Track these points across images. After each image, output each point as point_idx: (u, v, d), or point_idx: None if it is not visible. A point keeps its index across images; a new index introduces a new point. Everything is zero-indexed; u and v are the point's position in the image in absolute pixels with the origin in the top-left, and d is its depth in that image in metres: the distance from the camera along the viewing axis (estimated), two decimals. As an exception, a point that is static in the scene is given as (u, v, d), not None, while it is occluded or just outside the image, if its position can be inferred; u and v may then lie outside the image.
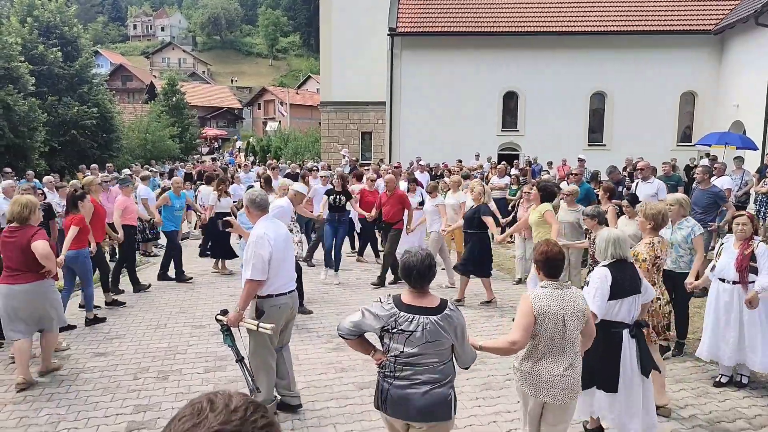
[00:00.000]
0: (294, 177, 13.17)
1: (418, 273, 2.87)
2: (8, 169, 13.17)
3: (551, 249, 3.34)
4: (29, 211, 5.09)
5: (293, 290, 4.47)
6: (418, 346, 2.81)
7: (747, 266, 4.75)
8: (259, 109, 62.36)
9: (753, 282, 4.76)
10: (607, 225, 6.24)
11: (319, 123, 31.41)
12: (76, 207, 6.84)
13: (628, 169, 13.80)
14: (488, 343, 3.34)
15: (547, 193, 6.94)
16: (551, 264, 3.32)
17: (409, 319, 2.82)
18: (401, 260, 2.99)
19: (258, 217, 4.32)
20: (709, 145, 14.88)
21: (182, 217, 10.55)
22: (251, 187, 9.90)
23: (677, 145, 20.85)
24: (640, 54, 20.51)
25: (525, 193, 8.82)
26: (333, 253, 9.00)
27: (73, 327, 6.66)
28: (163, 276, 9.06)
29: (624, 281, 3.77)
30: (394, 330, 2.83)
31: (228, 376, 5.31)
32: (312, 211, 9.39)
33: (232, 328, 4.26)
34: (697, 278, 5.35)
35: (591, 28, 20.79)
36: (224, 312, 4.31)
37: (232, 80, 76.55)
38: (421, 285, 2.92)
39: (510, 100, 21.92)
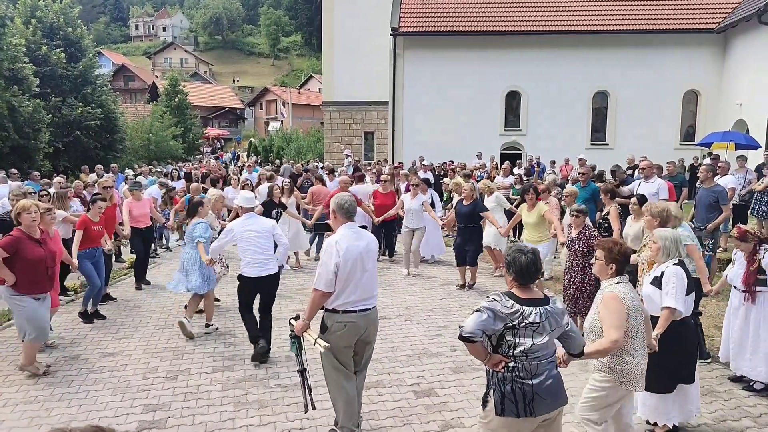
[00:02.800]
0: (296, 176, 13.26)
1: (536, 269, 2.99)
2: (14, 170, 13.26)
3: (627, 249, 3.62)
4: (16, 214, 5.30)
5: (368, 310, 4.03)
6: (547, 335, 2.93)
7: (753, 281, 4.80)
8: (261, 108, 62.47)
9: (760, 291, 4.80)
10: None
11: (321, 123, 31.43)
12: (88, 208, 7.17)
13: (631, 169, 13.77)
14: (590, 348, 3.36)
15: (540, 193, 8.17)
16: (627, 262, 3.58)
17: (534, 312, 2.91)
18: (514, 258, 3.00)
19: (342, 223, 4.06)
20: (709, 145, 14.88)
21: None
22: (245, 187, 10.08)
23: (680, 144, 20.82)
24: (643, 53, 20.49)
25: (542, 191, 8.94)
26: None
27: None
28: None
29: (689, 276, 4.08)
30: (522, 325, 2.89)
31: (236, 376, 5.34)
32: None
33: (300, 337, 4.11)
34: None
35: (593, 27, 20.77)
36: (297, 317, 4.16)
37: (234, 80, 76.64)
38: (535, 280, 3.02)
39: (513, 100, 21.92)
